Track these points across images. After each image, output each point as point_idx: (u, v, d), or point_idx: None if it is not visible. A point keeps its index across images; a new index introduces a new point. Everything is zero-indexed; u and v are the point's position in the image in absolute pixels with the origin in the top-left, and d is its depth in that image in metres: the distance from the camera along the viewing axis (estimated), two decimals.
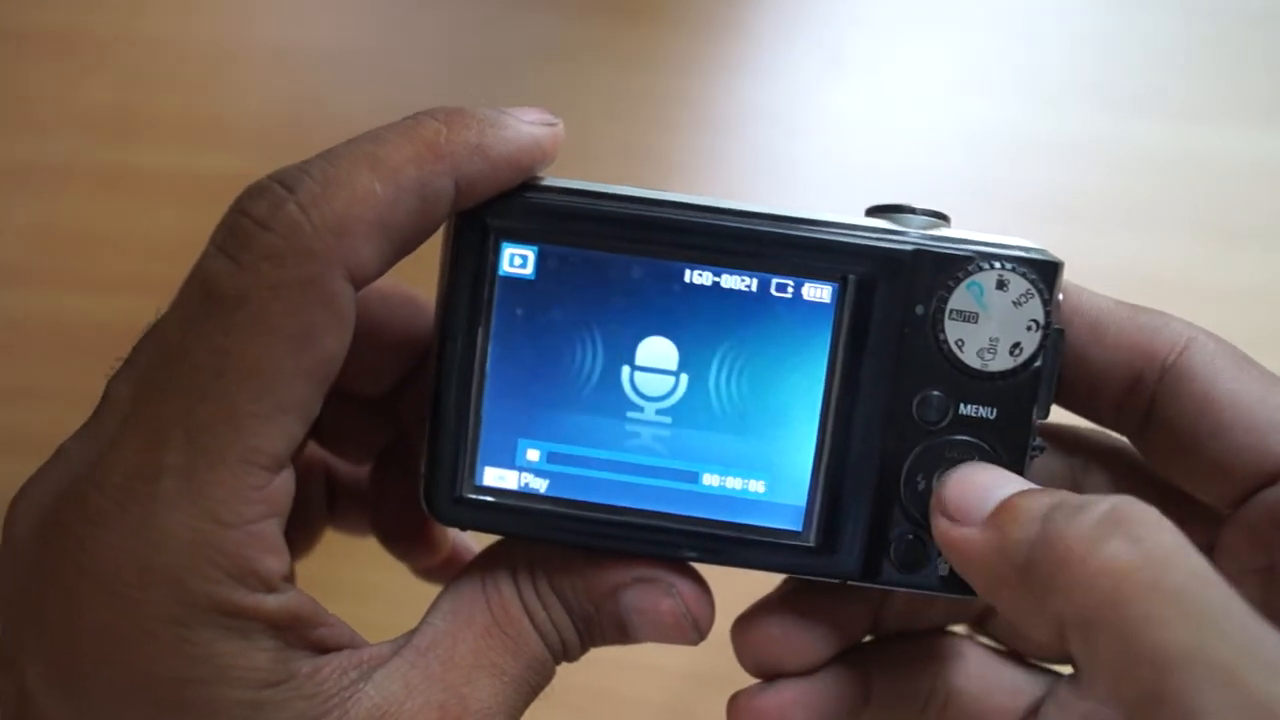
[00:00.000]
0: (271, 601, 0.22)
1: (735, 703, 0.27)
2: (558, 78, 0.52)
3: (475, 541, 0.32)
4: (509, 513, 0.25)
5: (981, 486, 0.23)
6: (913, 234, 0.24)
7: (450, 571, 0.31)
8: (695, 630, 0.25)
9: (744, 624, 0.27)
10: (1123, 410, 0.25)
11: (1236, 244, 0.49)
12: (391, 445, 0.32)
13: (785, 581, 0.27)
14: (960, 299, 0.24)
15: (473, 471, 0.25)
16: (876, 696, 0.27)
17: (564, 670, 0.25)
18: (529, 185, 0.24)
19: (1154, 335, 0.25)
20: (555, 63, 0.52)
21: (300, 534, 0.32)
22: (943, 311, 0.24)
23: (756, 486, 0.25)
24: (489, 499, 0.25)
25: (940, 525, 0.23)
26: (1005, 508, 0.22)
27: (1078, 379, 0.25)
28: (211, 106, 0.52)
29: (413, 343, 0.29)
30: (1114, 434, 0.27)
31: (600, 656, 0.25)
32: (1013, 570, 0.21)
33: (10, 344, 0.51)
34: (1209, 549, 0.25)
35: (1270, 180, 0.51)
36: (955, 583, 0.25)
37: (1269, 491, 0.24)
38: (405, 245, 0.23)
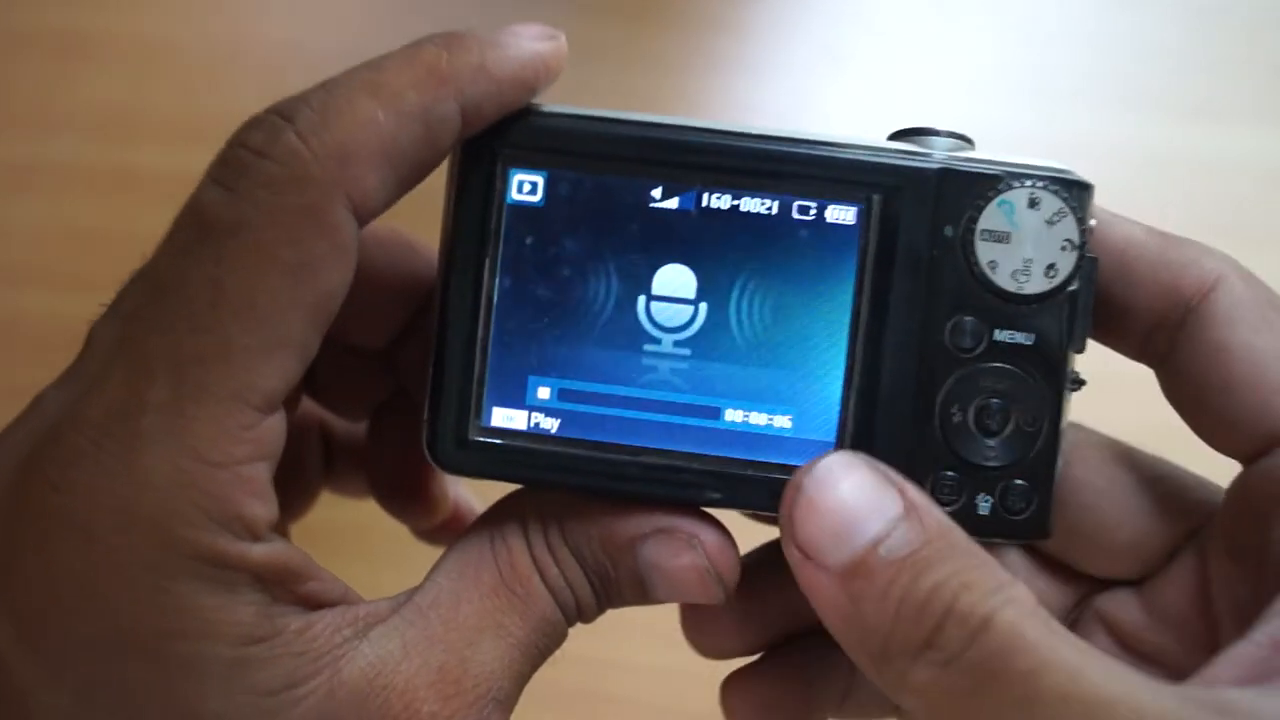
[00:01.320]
0: (258, 551, 0.20)
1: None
2: (557, 79, 0.52)
3: (480, 501, 0.31)
4: (518, 456, 0.24)
5: (844, 514, 0.21)
6: (938, 154, 0.23)
7: (452, 534, 0.29)
8: (719, 585, 0.24)
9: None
10: (1148, 344, 0.24)
11: (1248, 245, 0.48)
12: (389, 400, 0.30)
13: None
14: (991, 218, 0.23)
15: (479, 412, 0.24)
16: None
17: (560, 671, 0.24)
18: (536, 110, 0.23)
19: (1181, 272, 0.23)
20: None
21: (295, 493, 0.31)
22: (973, 232, 0.23)
23: (782, 422, 0.24)
24: (497, 442, 0.24)
25: (790, 554, 0.21)
26: (862, 570, 0.20)
27: (1106, 309, 0.24)
28: (213, 106, 0.49)
29: (412, 291, 0.28)
30: None
31: (595, 657, 0.23)
32: (862, 650, 0.20)
33: (10, 344, 0.50)
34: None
35: (1267, 180, 0.50)
36: (999, 524, 0.23)
37: (1270, 458, 0.22)
38: (410, 176, 0.22)
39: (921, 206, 0.23)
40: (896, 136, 0.24)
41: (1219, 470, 0.24)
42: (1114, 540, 0.25)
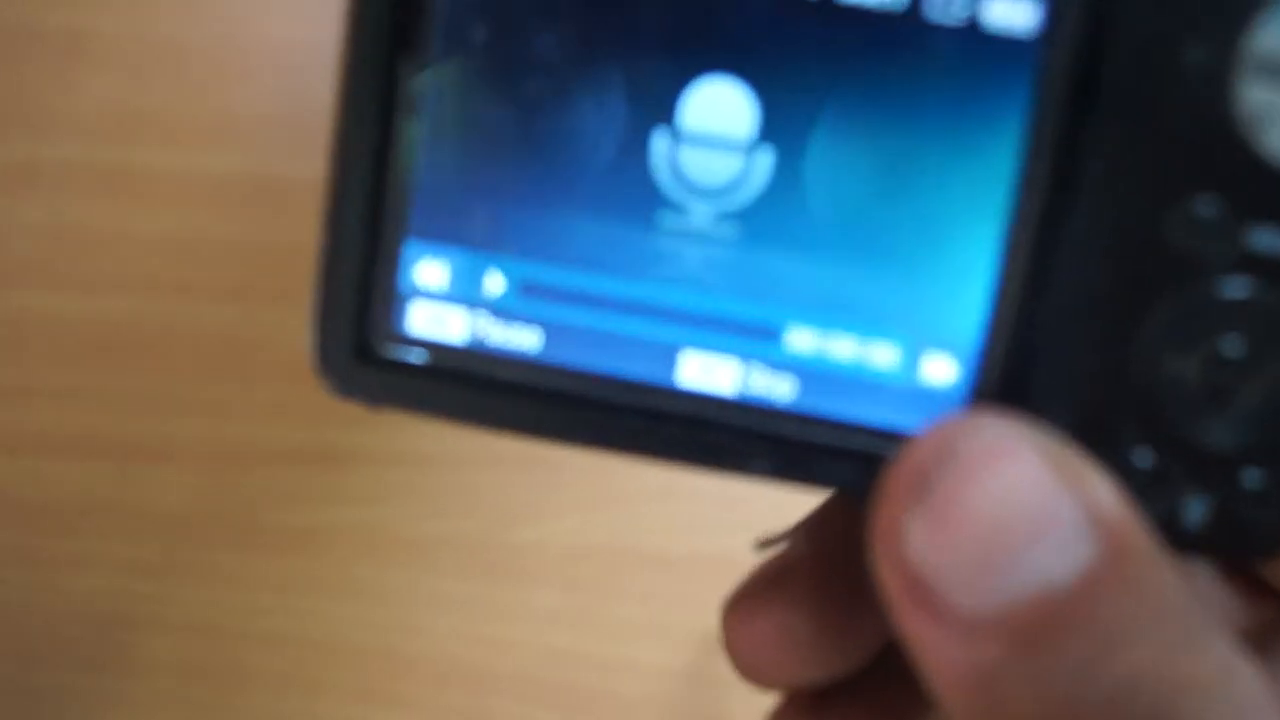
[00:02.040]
0: None
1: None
2: None
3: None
4: (449, 382, 0.15)
5: (998, 532, 0.13)
6: None
7: None
8: None
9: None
10: None
11: None
12: None
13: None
14: (1267, 40, 0.13)
15: (392, 310, 0.15)
16: None
17: (561, 670, 0.26)
18: None
19: None
20: None
21: None
22: (1232, 60, 0.14)
23: (884, 355, 0.14)
24: (417, 359, 0.15)
25: (889, 579, 0.13)
26: (1021, 630, 0.12)
27: None
28: (215, 107, 0.52)
29: None
30: None
31: (597, 655, 0.19)
32: None
33: (10, 344, 0.52)
34: None
35: None
36: (1213, 540, 0.14)
37: None
38: None
39: (1147, 12, 0.14)
40: None
41: None
42: None
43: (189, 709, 0.48)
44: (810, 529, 0.18)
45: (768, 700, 0.21)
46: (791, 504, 0.19)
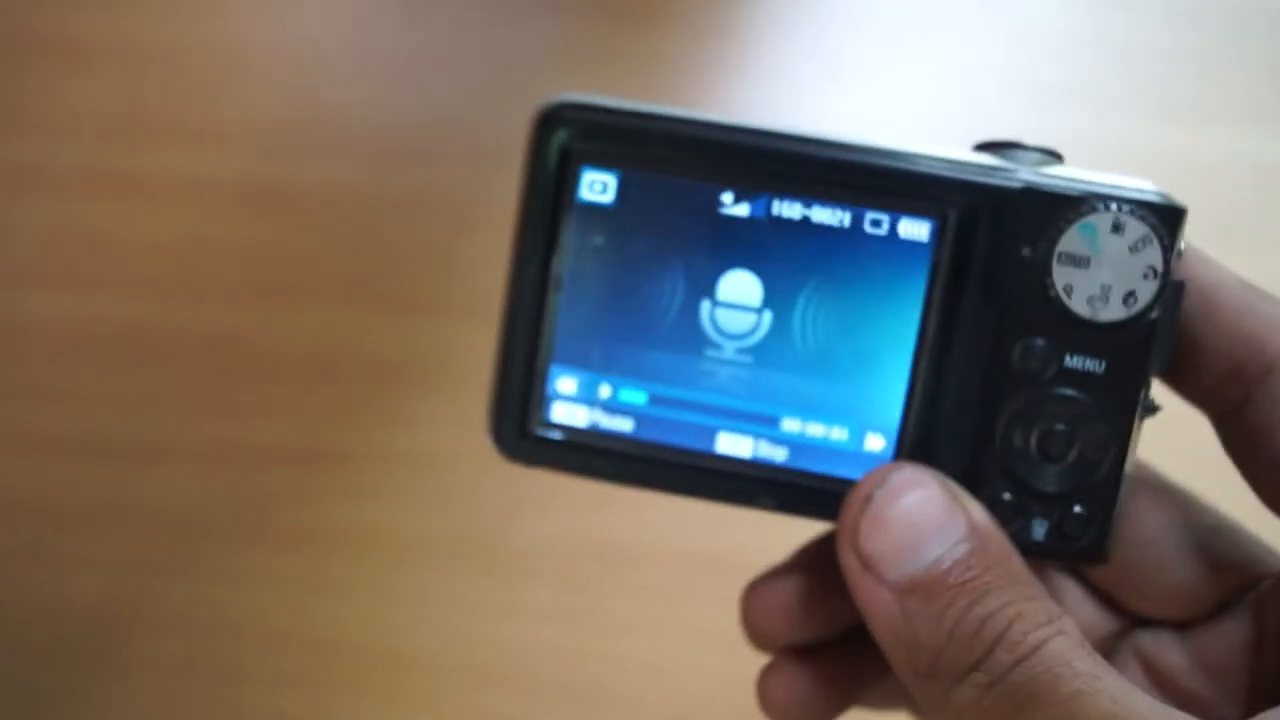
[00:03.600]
0: None
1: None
2: (557, 81, 0.51)
3: (543, 488, 0.31)
4: (577, 450, 0.24)
5: (910, 530, 0.21)
6: (1022, 170, 0.23)
7: None
8: None
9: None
10: (1216, 394, 0.23)
11: (1231, 246, 0.47)
12: None
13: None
14: (1071, 241, 0.22)
15: (542, 407, 0.24)
16: None
17: (565, 669, 0.24)
18: (611, 108, 0.23)
19: (1270, 331, 0.22)
20: (556, 65, 0.52)
21: None
22: (1051, 254, 0.22)
23: (839, 434, 0.24)
24: (556, 436, 0.24)
25: (847, 561, 0.21)
26: (923, 589, 0.20)
27: (1180, 350, 0.23)
28: (215, 110, 0.52)
29: None
30: None
31: (603, 654, 0.23)
32: (909, 665, 0.20)
33: (11, 344, 0.51)
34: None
35: (1264, 182, 0.49)
36: (1053, 548, 0.23)
37: None
38: None
39: (999, 225, 0.22)
40: (982, 148, 0.24)
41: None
42: (1164, 583, 0.24)
43: (189, 707, 0.48)
44: (806, 547, 0.27)
45: None
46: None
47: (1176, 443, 0.27)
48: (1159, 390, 0.24)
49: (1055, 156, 0.23)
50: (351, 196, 0.51)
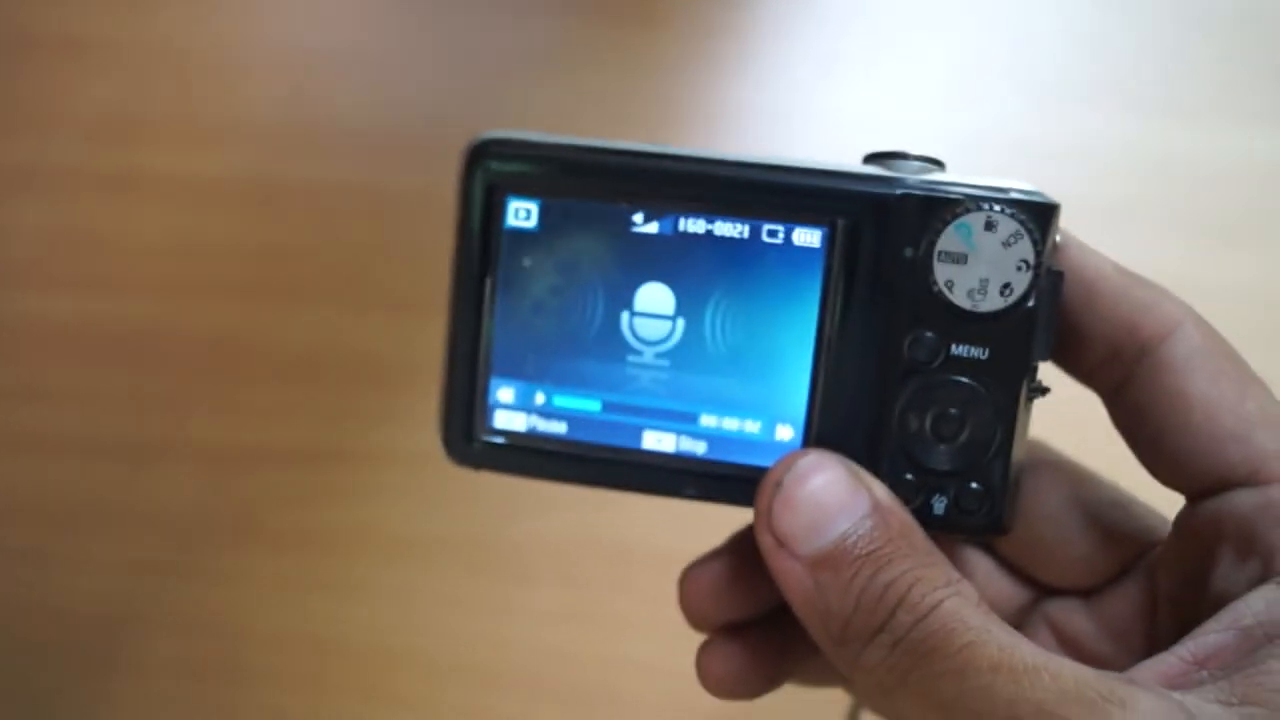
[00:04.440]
0: None
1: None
2: (557, 81, 0.52)
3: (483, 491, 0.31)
4: (519, 453, 0.27)
5: (818, 509, 0.23)
6: (905, 179, 0.25)
7: None
8: None
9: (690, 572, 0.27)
10: (1099, 375, 0.25)
11: (1233, 244, 0.48)
12: None
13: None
14: (949, 240, 0.24)
15: (485, 415, 0.27)
16: None
17: (564, 670, 0.24)
18: (530, 142, 0.26)
19: (1143, 314, 0.24)
20: (555, 66, 0.52)
21: None
22: (931, 253, 0.24)
23: (753, 427, 0.26)
24: (500, 441, 0.27)
25: (764, 540, 0.23)
26: (832, 562, 0.22)
27: (1064, 335, 0.25)
28: (215, 109, 0.52)
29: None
30: None
31: (602, 654, 0.24)
32: (824, 631, 0.22)
33: (11, 344, 0.51)
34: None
35: (1266, 181, 0.50)
36: (953, 522, 0.25)
37: (1215, 501, 0.23)
38: None
39: (883, 230, 0.25)
40: (870, 159, 0.26)
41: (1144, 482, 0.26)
42: (1067, 554, 0.26)
43: (189, 708, 0.47)
44: (735, 534, 0.29)
45: (768, 699, 0.27)
46: None
47: (1074, 421, 0.29)
48: (1052, 373, 0.26)
49: (937, 164, 0.26)
50: (349, 196, 0.51)
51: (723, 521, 0.28)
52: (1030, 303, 0.24)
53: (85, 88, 0.52)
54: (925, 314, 0.25)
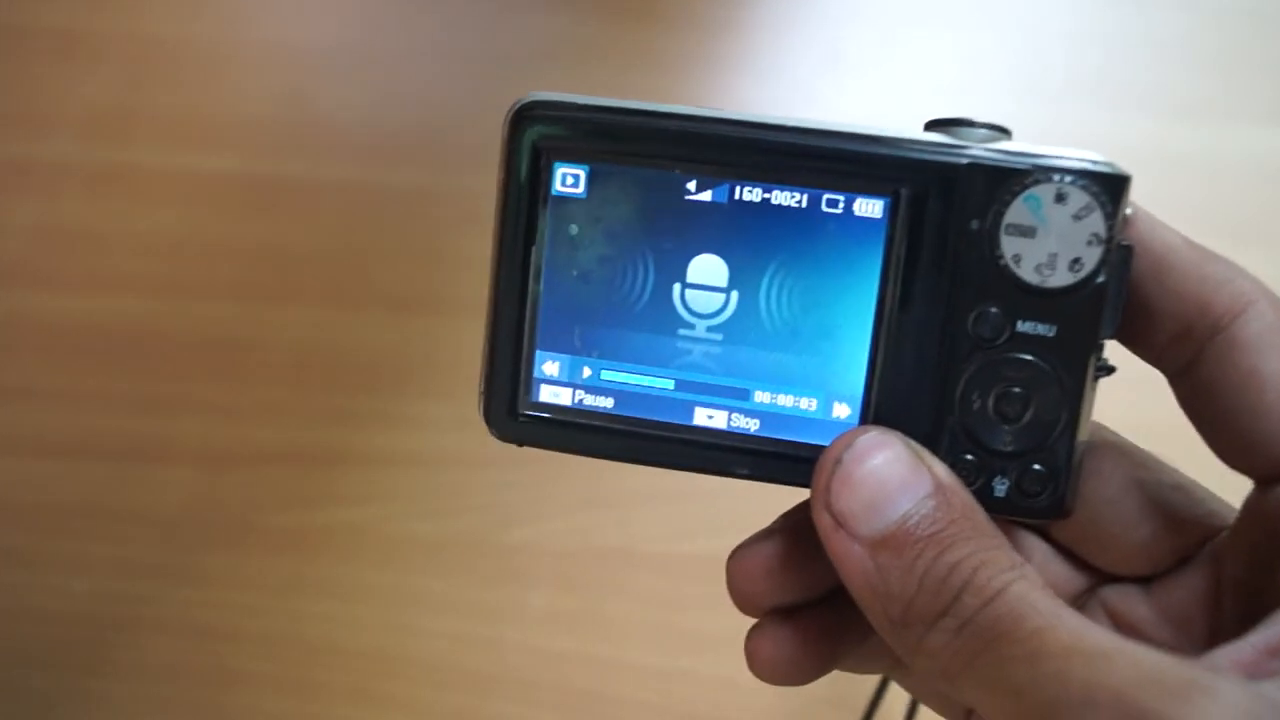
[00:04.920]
0: None
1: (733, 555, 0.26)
2: (556, 77, 0.52)
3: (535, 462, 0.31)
4: (564, 428, 0.26)
5: (878, 488, 0.22)
6: (971, 147, 0.24)
7: None
8: None
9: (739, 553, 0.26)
10: (1167, 354, 0.24)
11: (1240, 243, 0.47)
12: None
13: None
14: (1017, 213, 0.24)
15: (529, 389, 0.26)
16: None
17: (560, 672, 0.24)
18: (579, 104, 0.25)
19: (1216, 290, 0.24)
20: (555, 62, 0.52)
21: None
22: (999, 226, 0.24)
23: (808, 404, 0.25)
24: (545, 415, 0.26)
25: (821, 520, 0.23)
26: (893, 543, 0.22)
27: (1131, 312, 0.24)
28: (210, 106, 0.52)
29: None
30: None
31: (598, 657, 0.23)
32: (884, 615, 0.22)
33: (9, 343, 0.51)
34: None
35: (1274, 179, 0.49)
36: (1015, 504, 0.24)
37: None
38: None
39: (949, 200, 0.24)
40: (932, 126, 0.25)
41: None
42: (1127, 541, 0.26)
43: (181, 711, 0.47)
44: (786, 514, 0.28)
45: (764, 701, 0.28)
46: (773, 505, 0.26)
47: (1139, 403, 0.28)
48: (1117, 352, 0.25)
49: (1003, 132, 0.25)
50: (347, 194, 0.51)
51: (723, 522, 0.28)
52: (1100, 278, 0.23)
53: (78, 84, 0.52)
54: (991, 289, 0.24)
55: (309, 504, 0.49)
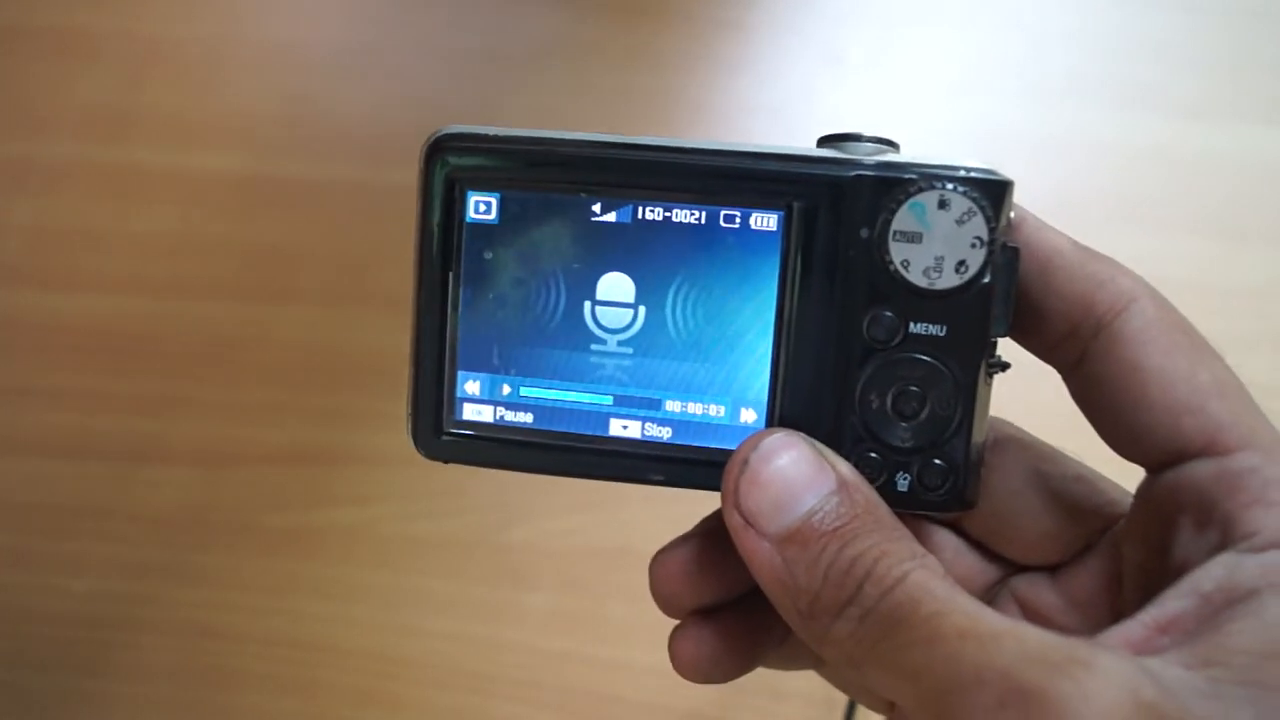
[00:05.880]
0: None
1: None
2: (557, 76, 0.52)
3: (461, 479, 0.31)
4: (487, 445, 0.27)
5: (784, 487, 0.23)
6: (859, 160, 0.25)
7: None
8: None
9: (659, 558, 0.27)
10: (1058, 351, 0.26)
11: (1244, 242, 0.48)
12: None
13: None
14: (903, 220, 0.25)
15: (453, 408, 0.27)
16: None
17: (562, 673, 0.24)
18: (490, 136, 0.26)
19: (1099, 288, 0.25)
20: (554, 61, 0.52)
21: None
22: (887, 233, 0.25)
23: (717, 411, 0.26)
24: (468, 433, 0.27)
25: (731, 519, 0.24)
26: (799, 538, 0.23)
27: (1021, 311, 0.25)
28: (209, 105, 0.52)
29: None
30: None
31: (598, 657, 0.24)
32: (792, 608, 0.23)
33: (8, 343, 0.51)
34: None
35: (1276, 178, 0.49)
36: (918, 498, 0.25)
37: (1173, 472, 0.24)
38: None
39: (838, 211, 0.25)
40: (823, 142, 0.26)
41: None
42: (1031, 530, 0.27)
43: (181, 710, 0.47)
44: (704, 519, 0.29)
45: (763, 702, 0.29)
46: None
47: (1040, 399, 0.29)
48: (1012, 349, 0.26)
49: (891, 145, 0.26)
50: (347, 194, 0.51)
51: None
52: (986, 279, 0.25)
53: (78, 84, 0.52)
54: (883, 293, 0.25)
55: (309, 504, 0.49)
